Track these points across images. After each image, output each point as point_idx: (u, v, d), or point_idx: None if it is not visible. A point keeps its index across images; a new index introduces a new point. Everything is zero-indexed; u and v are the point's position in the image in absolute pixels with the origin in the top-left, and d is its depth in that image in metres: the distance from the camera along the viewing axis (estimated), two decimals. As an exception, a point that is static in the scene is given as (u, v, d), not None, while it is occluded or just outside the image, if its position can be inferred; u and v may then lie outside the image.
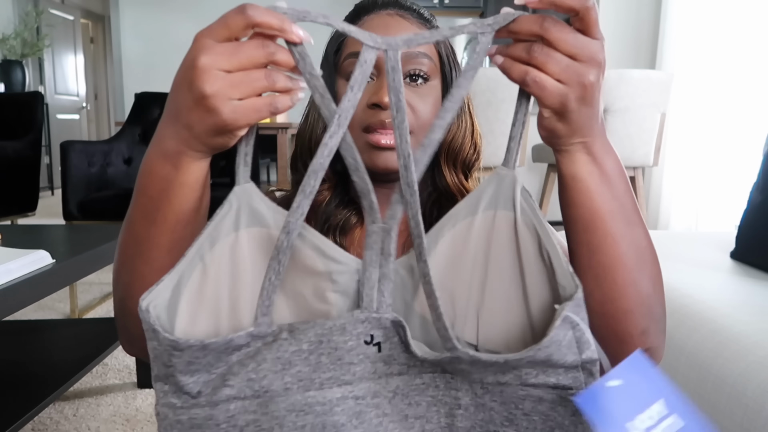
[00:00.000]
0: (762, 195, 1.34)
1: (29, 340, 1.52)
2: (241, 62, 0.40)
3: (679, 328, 1.05)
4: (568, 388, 0.42)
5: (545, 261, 0.45)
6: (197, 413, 0.42)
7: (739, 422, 0.84)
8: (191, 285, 0.43)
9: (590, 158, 0.47)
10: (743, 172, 3.06)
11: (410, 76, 0.61)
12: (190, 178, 0.45)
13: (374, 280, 0.44)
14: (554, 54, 0.42)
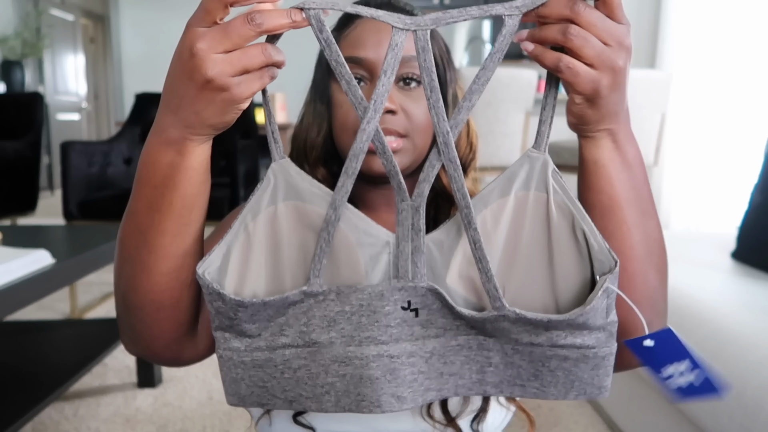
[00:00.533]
0: (763, 195, 1.34)
1: (29, 340, 1.52)
2: (233, 41, 0.42)
3: (679, 328, 1.04)
4: (591, 347, 0.47)
5: (578, 238, 0.47)
6: (258, 356, 0.49)
7: (739, 422, 0.84)
8: (237, 252, 0.48)
9: (614, 145, 0.48)
10: (744, 173, 3.06)
11: (403, 80, 0.61)
12: (195, 162, 0.47)
13: (407, 252, 0.48)
14: (590, 38, 0.42)
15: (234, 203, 2.55)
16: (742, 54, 3.13)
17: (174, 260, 0.50)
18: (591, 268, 0.48)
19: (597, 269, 0.47)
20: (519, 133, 2.97)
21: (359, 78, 0.61)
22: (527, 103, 2.93)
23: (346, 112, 0.61)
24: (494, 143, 2.91)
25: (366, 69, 0.60)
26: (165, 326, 0.53)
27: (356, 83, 0.44)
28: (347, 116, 0.61)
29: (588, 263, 0.47)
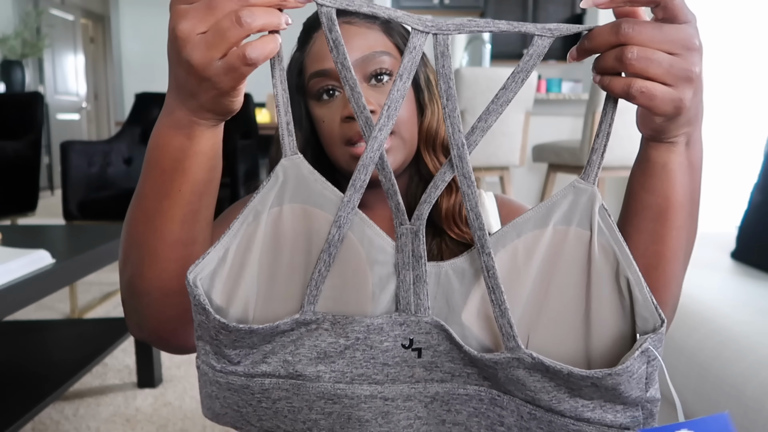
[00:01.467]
0: (763, 195, 1.34)
1: (29, 340, 1.52)
2: (216, 18, 0.38)
3: (679, 328, 1.05)
4: (626, 428, 0.40)
5: (621, 288, 0.42)
6: (234, 380, 0.45)
7: (739, 422, 0.84)
8: (234, 256, 0.43)
9: (686, 148, 0.44)
10: (744, 173, 3.06)
11: (375, 77, 0.60)
12: (204, 147, 0.45)
13: (409, 282, 0.43)
14: (653, 54, 0.38)
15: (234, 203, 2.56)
16: (742, 54, 3.13)
17: (182, 247, 0.48)
18: (633, 325, 0.42)
19: (639, 326, 0.41)
20: (519, 133, 2.97)
21: (331, 88, 0.60)
22: (527, 103, 2.93)
23: (329, 125, 0.60)
24: (494, 143, 2.91)
25: (334, 79, 0.59)
26: (172, 312, 0.51)
27: (359, 90, 0.41)
28: (332, 128, 0.60)
29: (630, 318, 0.41)
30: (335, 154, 0.62)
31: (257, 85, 0.56)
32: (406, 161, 0.63)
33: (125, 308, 0.54)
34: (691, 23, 0.38)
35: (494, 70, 2.89)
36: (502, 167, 3.01)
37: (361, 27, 0.61)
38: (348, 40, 0.58)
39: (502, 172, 3.03)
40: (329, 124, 0.60)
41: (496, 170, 3.02)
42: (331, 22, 0.40)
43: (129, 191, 2.78)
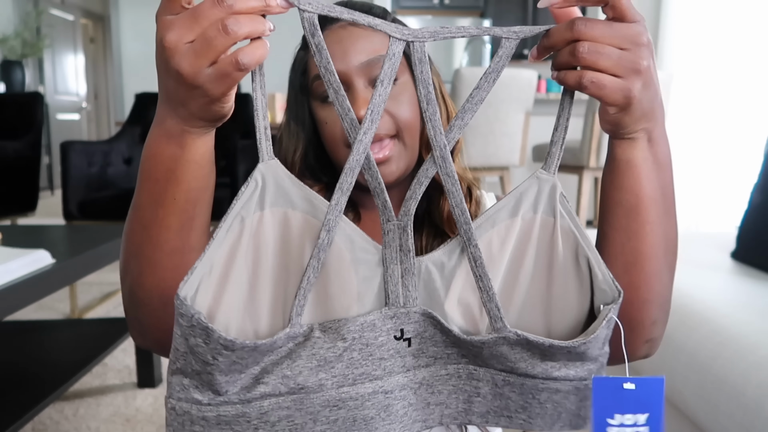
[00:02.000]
0: (763, 195, 1.34)
1: (29, 340, 1.52)
2: (203, 27, 0.38)
3: (679, 328, 1.05)
4: (583, 379, 0.46)
5: (581, 266, 0.46)
6: (227, 410, 0.43)
7: (739, 422, 0.84)
8: (218, 268, 0.43)
9: (649, 144, 0.47)
10: (744, 173, 3.06)
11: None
12: (196, 155, 0.45)
13: (397, 276, 0.45)
14: (602, 49, 0.41)
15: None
16: (742, 54, 3.13)
17: (179, 256, 0.48)
18: (591, 298, 0.47)
19: (598, 298, 0.46)
20: (519, 133, 2.97)
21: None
22: (527, 103, 2.93)
23: (332, 127, 0.61)
24: (494, 143, 2.91)
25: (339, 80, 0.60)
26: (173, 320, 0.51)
27: (344, 93, 0.42)
28: (335, 130, 0.61)
29: (588, 292, 0.47)
30: (338, 155, 0.62)
31: (257, 85, 0.56)
32: (409, 167, 0.63)
33: (128, 317, 0.54)
34: (640, 22, 0.42)
35: (494, 70, 2.89)
36: (502, 167, 3.01)
37: (365, 29, 0.60)
38: (353, 41, 0.59)
39: (502, 172, 3.03)
40: (332, 125, 0.61)
41: (496, 170, 3.02)
42: (313, 27, 0.41)
43: (129, 191, 2.78)
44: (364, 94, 0.59)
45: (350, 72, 0.59)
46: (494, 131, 2.90)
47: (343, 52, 0.59)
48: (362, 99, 0.58)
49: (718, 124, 3.24)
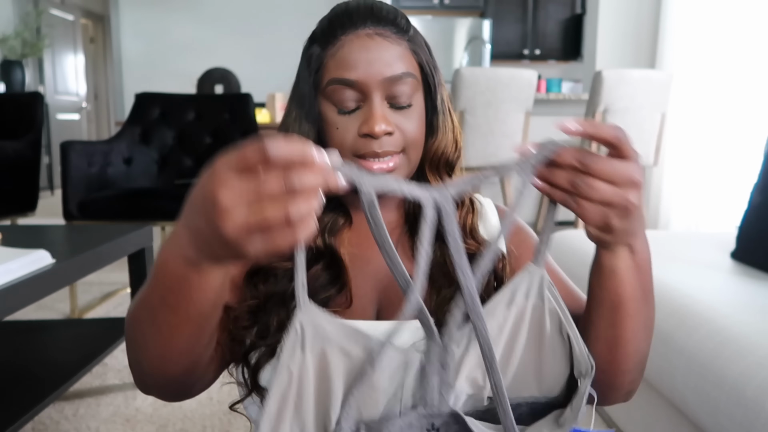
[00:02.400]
0: (762, 195, 1.34)
1: (29, 340, 1.52)
2: (263, 206, 0.37)
3: (679, 328, 1.05)
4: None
5: (564, 340, 0.54)
6: None
7: (739, 422, 0.84)
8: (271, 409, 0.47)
9: (631, 254, 0.52)
10: (743, 173, 3.06)
11: (395, 98, 0.60)
12: (215, 283, 0.45)
13: (434, 386, 0.52)
14: (595, 184, 0.46)
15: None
16: (742, 54, 3.13)
17: (189, 356, 0.51)
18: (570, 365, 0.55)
19: (576, 368, 0.54)
20: (519, 133, 2.97)
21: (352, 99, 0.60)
22: (527, 103, 2.93)
23: (342, 134, 0.60)
24: (494, 143, 2.91)
25: (358, 90, 0.59)
26: (178, 388, 0.57)
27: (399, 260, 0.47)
28: (344, 138, 0.60)
29: (569, 361, 0.55)
30: None
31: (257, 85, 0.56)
32: (408, 176, 0.64)
33: (133, 372, 0.57)
34: (636, 161, 0.48)
35: (494, 70, 2.89)
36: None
37: (392, 42, 0.60)
38: (380, 53, 0.59)
39: (502, 172, 3.03)
40: (343, 133, 0.61)
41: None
42: (373, 205, 0.45)
43: (129, 191, 2.78)
44: (380, 109, 0.59)
45: (371, 84, 0.59)
46: (494, 131, 2.90)
47: (368, 62, 0.59)
48: (379, 115, 0.58)
49: (718, 124, 3.24)
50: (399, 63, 0.60)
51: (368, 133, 0.59)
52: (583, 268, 1.29)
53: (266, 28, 6.22)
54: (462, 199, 0.67)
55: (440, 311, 0.61)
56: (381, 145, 0.59)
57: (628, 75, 2.84)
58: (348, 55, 0.59)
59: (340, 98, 0.60)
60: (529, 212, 3.82)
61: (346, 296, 0.62)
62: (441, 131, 0.66)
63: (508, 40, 6.07)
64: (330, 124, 0.61)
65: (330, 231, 0.64)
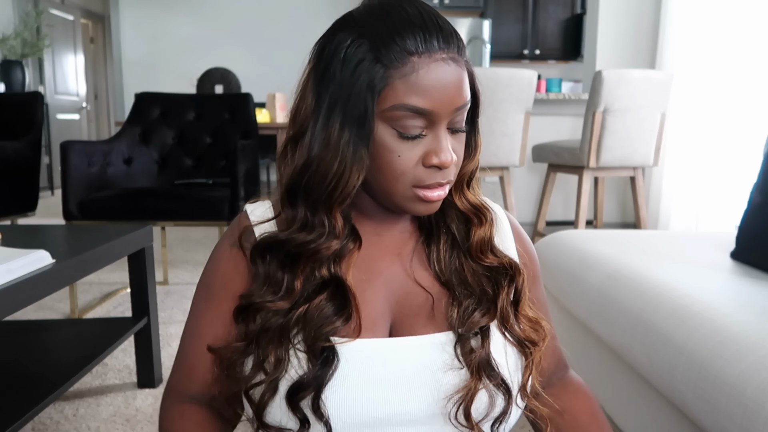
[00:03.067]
0: (762, 195, 1.34)
1: (29, 340, 1.52)
2: None
3: (679, 328, 1.05)
4: None
5: None
6: None
7: (739, 422, 0.84)
8: None
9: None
10: (743, 173, 3.06)
11: (454, 130, 0.59)
12: None
13: None
14: None
15: (234, 203, 2.55)
16: (742, 54, 3.13)
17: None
18: None
19: None
20: (519, 133, 2.97)
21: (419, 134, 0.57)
22: (527, 103, 2.93)
23: (405, 163, 0.57)
24: (494, 143, 2.91)
25: (428, 119, 0.56)
26: None
27: None
28: (406, 167, 0.57)
29: None
30: (395, 189, 0.58)
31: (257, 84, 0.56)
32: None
33: None
34: None
35: (494, 70, 2.89)
36: (502, 167, 3.01)
37: (460, 66, 0.57)
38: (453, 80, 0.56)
39: (502, 172, 3.03)
40: (405, 161, 0.57)
41: (496, 170, 3.02)
42: None
43: (129, 191, 2.78)
44: (446, 141, 0.57)
45: (443, 114, 0.56)
46: (494, 131, 2.89)
47: (444, 91, 0.55)
48: (448, 147, 0.57)
49: (717, 124, 3.24)
50: (465, 90, 0.57)
51: (438, 165, 0.57)
52: (583, 268, 1.32)
53: (266, 28, 6.22)
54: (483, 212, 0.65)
55: (462, 324, 0.60)
56: (445, 176, 0.58)
57: (628, 75, 2.83)
58: (423, 82, 0.54)
59: (405, 124, 0.56)
60: (530, 212, 3.82)
61: (355, 323, 0.59)
62: (478, 151, 0.65)
63: (508, 40, 6.08)
64: (390, 149, 0.57)
65: (337, 259, 0.61)
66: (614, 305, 1.28)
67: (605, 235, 1.71)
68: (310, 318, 0.58)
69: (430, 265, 0.65)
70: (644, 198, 3.14)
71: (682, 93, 3.30)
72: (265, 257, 0.61)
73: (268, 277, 0.60)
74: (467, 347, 0.59)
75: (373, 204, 0.64)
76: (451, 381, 0.59)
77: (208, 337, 0.65)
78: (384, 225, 0.66)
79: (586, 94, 3.21)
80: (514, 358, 0.62)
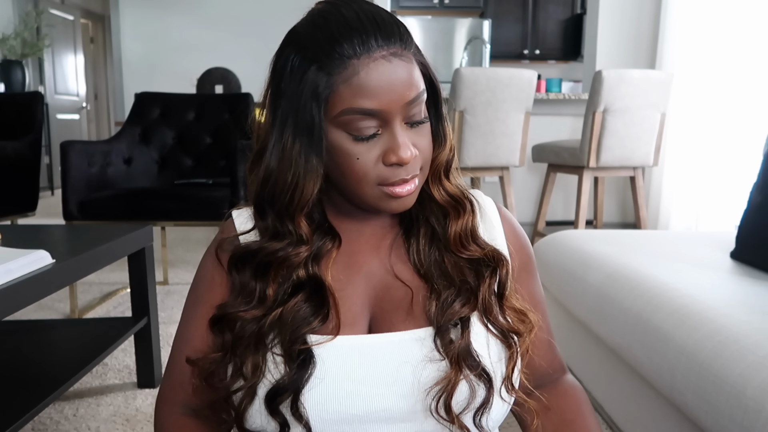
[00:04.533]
0: (762, 195, 1.34)
1: (29, 340, 1.52)
2: None
3: (679, 328, 1.05)
4: None
5: None
6: None
7: (739, 422, 0.84)
8: None
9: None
10: (743, 172, 3.06)
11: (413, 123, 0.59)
12: None
13: None
14: None
15: (234, 203, 2.55)
16: (742, 54, 3.13)
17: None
18: None
19: None
20: (519, 133, 2.97)
21: (373, 134, 0.57)
22: (527, 102, 2.93)
23: (364, 164, 0.57)
24: (494, 143, 2.91)
25: (379, 118, 0.56)
26: None
27: None
28: (366, 168, 0.57)
29: None
30: (362, 191, 0.59)
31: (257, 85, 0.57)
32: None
33: None
34: None
35: (494, 70, 2.89)
36: (502, 167, 3.01)
37: (405, 60, 0.57)
38: (398, 76, 0.55)
39: (502, 172, 3.03)
40: (364, 163, 0.57)
41: (496, 170, 3.02)
42: None
43: (129, 191, 2.77)
44: (402, 137, 0.57)
45: (394, 111, 0.56)
46: (494, 131, 2.89)
47: (389, 89, 0.55)
48: (405, 143, 0.57)
49: (718, 124, 3.24)
50: (414, 83, 0.57)
51: (397, 162, 0.57)
52: (583, 268, 1.32)
53: (266, 28, 6.21)
54: (461, 203, 0.65)
55: (442, 315, 0.60)
56: (408, 171, 0.58)
57: (628, 75, 2.83)
58: (366, 83, 0.54)
59: (357, 127, 0.56)
60: (530, 212, 3.82)
61: (334, 321, 0.59)
62: (448, 139, 0.64)
63: (508, 40, 6.08)
64: (348, 154, 0.57)
65: (315, 258, 0.62)
66: (614, 305, 1.28)
67: (605, 235, 1.71)
68: (284, 321, 0.58)
69: (409, 258, 0.65)
70: (644, 198, 3.14)
71: (682, 93, 3.30)
72: (239, 268, 0.62)
73: (243, 287, 0.61)
74: (447, 338, 0.59)
75: (349, 204, 0.64)
76: (430, 374, 0.58)
77: (196, 341, 0.66)
78: (365, 221, 0.66)
79: (586, 94, 3.21)
80: (497, 349, 0.61)
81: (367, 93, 0.55)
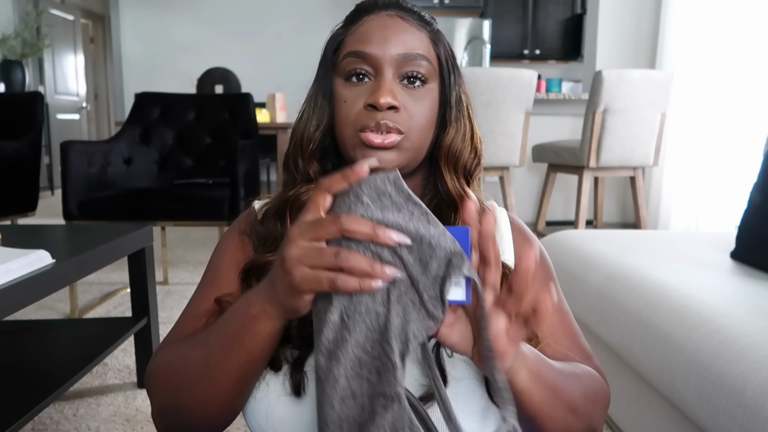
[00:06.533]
0: (762, 195, 1.34)
1: (29, 340, 1.52)
2: (319, 235, 0.46)
3: (679, 328, 1.05)
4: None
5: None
6: None
7: (739, 422, 0.84)
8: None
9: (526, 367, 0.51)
10: (743, 173, 3.06)
11: (408, 78, 0.60)
12: (261, 331, 0.51)
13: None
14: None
15: (234, 203, 2.55)
16: (742, 54, 3.13)
17: (231, 401, 0.56)
18: None
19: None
20: (519, 133, 2.97)
21: (363, 73, 0.60)
22: (527, 103, 2.93)
23: (349, 107, 0.61)
24: (494, 143, 2.91)
25: (370, 64, 0.60)
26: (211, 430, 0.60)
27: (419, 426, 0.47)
28: (350, 111, 0.60)
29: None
30: (344, 136, 0.62)
31: (257, 85, 0.56)
32: (409, 165, 0.62)
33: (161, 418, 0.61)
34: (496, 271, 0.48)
35: (494, 70, 2.89)
36: (502, 167, 3.01)
37: (412, 24, 0.62)
38: (396, 32, 0.61)
39: (502, 172, 3.03)
40: (350, 106, 0.61)
41: (496, 170, 3.02)
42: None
43: (129, 191, 2.78)
44: (390, 84, 0.59)
45: (384, 60, 0.60)
46: (494, 131, 2.90)
47: (384, 38, 0.60)
48: (387, 89, 0.58)
49: (718, 124, 3.24)
50: (415, 45, 0.61)
51: (373, 103, 0.58)
52: (583, 268, 1.31)
53: (266, 28, 6.22)
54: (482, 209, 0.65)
55: None
56: (384, 118, 0.58)
57: (628, 75, 2.84)
58: (366, 31, 0.61)
59: (349, 69, 0.61)
60: (530, 212, 3.82)
61: None
62: (454, 127, 0.64)
63: (508, 40, 6.08)
64: (338, 97, 0.62)
65: None
66: (614, 305, 1.28)
67: (605, 235, 1.71)
68: None
69: None
70: (644, 198, 3.14)
71: (682, 93, 3.30)
72: (264, 222, 0.66)
73: (268, 235, 0.65)
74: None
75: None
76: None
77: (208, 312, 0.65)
78: None
79: (586, 94, 3.21)
80: None
81: (362, 38, 0.61)
